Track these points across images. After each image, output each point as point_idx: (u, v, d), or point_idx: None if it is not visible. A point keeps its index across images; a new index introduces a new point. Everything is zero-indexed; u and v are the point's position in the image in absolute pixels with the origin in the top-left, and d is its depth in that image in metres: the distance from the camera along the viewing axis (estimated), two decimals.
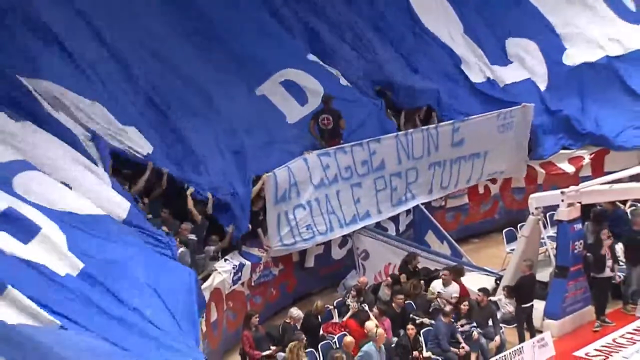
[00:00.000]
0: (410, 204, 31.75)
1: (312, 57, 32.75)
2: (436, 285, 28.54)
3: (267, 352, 25.62)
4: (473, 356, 27.20)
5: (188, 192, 27.64)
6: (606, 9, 37.26)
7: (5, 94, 26.45)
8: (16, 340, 18.96)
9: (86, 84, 28.32)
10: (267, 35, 32.77)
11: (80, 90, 27.95)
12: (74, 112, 27.68)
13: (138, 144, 28.05)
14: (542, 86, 35.27)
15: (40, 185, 24.77)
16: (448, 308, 27.49)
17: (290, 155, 29.36)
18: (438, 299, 28.42)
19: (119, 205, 25.50)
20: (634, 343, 28.31)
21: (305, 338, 25.69)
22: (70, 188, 25.30)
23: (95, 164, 26.56)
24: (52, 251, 22.94)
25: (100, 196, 25.52)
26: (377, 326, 25.94)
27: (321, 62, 33.00)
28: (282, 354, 25.24)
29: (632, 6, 37.44)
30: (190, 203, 27.63)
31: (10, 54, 27.62)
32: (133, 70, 29.81)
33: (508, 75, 35.28)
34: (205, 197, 27.99)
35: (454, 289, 28.42)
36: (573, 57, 35.95)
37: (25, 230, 22.79)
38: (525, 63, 35.78)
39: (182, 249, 26.23)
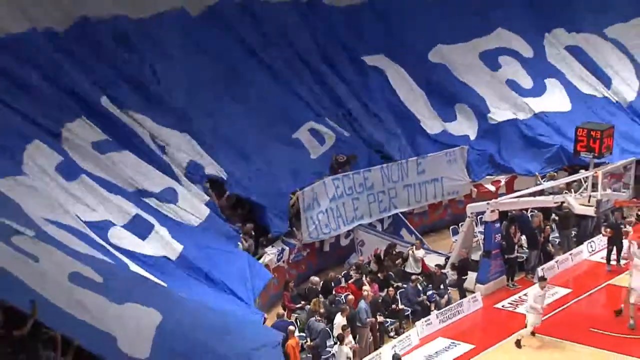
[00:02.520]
0: (392, 212, 31.88)
1: (329, 114, 32.42)
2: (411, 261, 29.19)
3: (299, 305, 26.46)
4: (432, 306, 27.82)
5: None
6: (510, 91, 36.21)
7: (112, 124, 26.35)
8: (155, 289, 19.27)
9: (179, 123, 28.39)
10: (302, 100, 32.33)
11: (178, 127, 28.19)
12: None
13: (217, 170, 28.13)
14: (473, 136, 34.83)
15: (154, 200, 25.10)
16: (414, 277, 28.45)
17: (313, 179, 29.82)
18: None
19: (200, 211, 25.72)
20: None
21: (322, 296, 26.51)
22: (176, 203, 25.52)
23: (179, 181, 26.44)
24: (160, 240, 23.62)
25: (192, 204, 25.81)
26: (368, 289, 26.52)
27: (336, 119, 32.64)
28: (308, 306, 25.91)
29: (529, 84, 36.65)
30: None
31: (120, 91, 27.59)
32: (215, 119, 29.78)
33: (454, 128, 34.80)
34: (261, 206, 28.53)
35: (418, 264, 29.14)
36: (494, 116, 35.34)
37: (145, 227, 23.55)
38: (465, 120, 35.08)
39: (246, 242, 27.01)
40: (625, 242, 29.68)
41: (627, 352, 25.30)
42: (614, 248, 30.62)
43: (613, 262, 30.68)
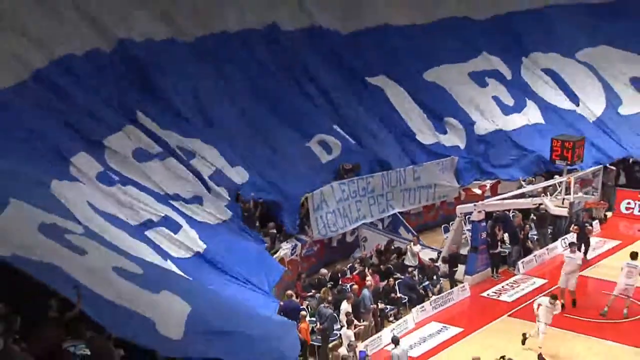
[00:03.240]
0: (390, 212, 31.70)
1: (336, 127, 32.18)
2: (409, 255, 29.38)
3: (310, 294, 26.45)
4: (430, 293, 27.88)
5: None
6: (495, 107, 36.08)
7: (147, 136, 26.19)
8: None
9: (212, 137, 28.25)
10: (312, 115, 32.22)
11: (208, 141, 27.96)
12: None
13: (238, 176, 27.93)
14: (462, 146, 34.51)
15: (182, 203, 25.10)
16: (411, 269, 28.54)
17: (322, 183, 29.55)
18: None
19: (222, 213, 25.79)
20: (513, 288, 29.15)
21: (330, 286, 26.62)
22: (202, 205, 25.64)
23: (205, 186, 26.31)
24: (187, 239, 23.56)
25: (215, 207, 25.90)
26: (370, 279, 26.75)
27: (342, 131, 32.32)
28: (318, 295, 25.94)
29: (510, 101, 36.47)
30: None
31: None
32: (236, 132, 29.58)
33: (446, 139, 34.40)
34: (278, 207, 28.49)
35: (415, 258, 29.31)
36: (479, 129, 35.10)
37: (174, 227, 23.47)
38: (455, 132, 34.73)
39: (266, 236, 27.14)
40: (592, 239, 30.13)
41: (595, 334, 25.38)
42: (582, 244, 30.39)
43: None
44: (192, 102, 29.04)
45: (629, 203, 35.08)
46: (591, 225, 32.68)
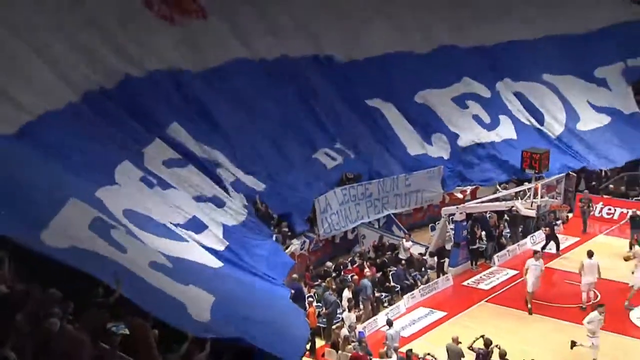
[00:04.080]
0: (385, 213, 31.51)
1: (338, 144, 31.80)
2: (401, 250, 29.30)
3: (316, 283, 26.44)
4: (419, 282, 27.94)
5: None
6: (475, 124, 35.84)
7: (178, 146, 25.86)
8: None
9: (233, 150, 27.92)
10: (319, 131, 31.72)
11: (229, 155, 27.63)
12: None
13: (255, 184, 27.64)
14: (446, 157, 34.22)
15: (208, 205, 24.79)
16: (403, 262, 28.48)
17: (327, 189, 29.31)
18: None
19: (241, 214, 25.48)
20: (489, 278, 29.14)
21: (334, 276, 26.78)
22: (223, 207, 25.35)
23: (227, 191, 25.97)
24: (212, 237, 23.39)
25: (235, 209, 25.62)
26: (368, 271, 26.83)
27: (343, 146, 31.91)
28: (323, 284, 26.00)
29: (488, 119, 36.18)
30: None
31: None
32: (255, 145, 29.12)
33: (433, 151, 34.20)
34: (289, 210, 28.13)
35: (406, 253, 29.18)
36: (461, 142, 34.86)
37: (200, 227, 23.19)
38: (440, 145, 34.49)
39: (278, 236, 26.76)
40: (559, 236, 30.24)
41: (559, 317, 25.36)
42: (551, 241, 30.60)
43: (547, 251, 30.49)
44: (218, 119, 28.50)
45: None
46: (557, 224, 32.69)
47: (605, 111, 38.27)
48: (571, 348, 22.69)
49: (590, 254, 26.40)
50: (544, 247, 30.87)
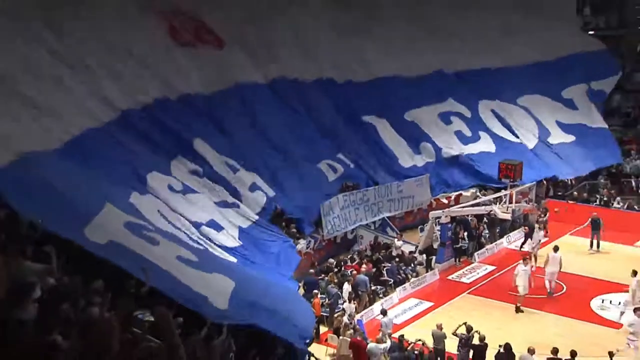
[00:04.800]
0: (380, 216, 31.20)
1: (341, 155, 31.70)
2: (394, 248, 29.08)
3: (320, 277, 25.82)
4: (410, 276, 27.64)
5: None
6: (457, 139, 35.64)
7: (201, 158, 25.61)
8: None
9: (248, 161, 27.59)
10: (322, 144, 31.46)
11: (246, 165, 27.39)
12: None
13: (267, 190, 27.15)
14: (432, 166, 34.05)
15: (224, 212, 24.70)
16: (396, 259, 28.42)
17: (330, 196, 29.19)
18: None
19: (254, 216, 25.46)
20: (470, 272, 28.95)
21: (336, 271, 26.34)
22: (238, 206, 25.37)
23: (242, 196, 25.89)
24: (228, 235, 23.52)
25: (249, 212, 25.58)
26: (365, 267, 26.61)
27: (344, 156, 31.93)
28: (326, 278, 25.49)
29: (469, 134, 36.00)
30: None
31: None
32: (265, 157, 28.77)
33: (421, 161, 34.12)
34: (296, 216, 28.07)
35: (398, 250, 29.01)
36: (445, 154, 34.75)
37: (218, 228, 23.35)
38: (428, 157, 34.39)
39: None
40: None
41: (533, 307, 25.23)
42: (528, 239, 30.33)
43: (524, 249, 30.38)
44: (236, 135, 28.26)
45: (555, 209, 34.88)
46: (540, 227, 31.58)
47: (572, 128, 38.08)
48: (516, 312, 24.42)
49: (555, 249, 26.55)
50: (521, 245, 30.76)
